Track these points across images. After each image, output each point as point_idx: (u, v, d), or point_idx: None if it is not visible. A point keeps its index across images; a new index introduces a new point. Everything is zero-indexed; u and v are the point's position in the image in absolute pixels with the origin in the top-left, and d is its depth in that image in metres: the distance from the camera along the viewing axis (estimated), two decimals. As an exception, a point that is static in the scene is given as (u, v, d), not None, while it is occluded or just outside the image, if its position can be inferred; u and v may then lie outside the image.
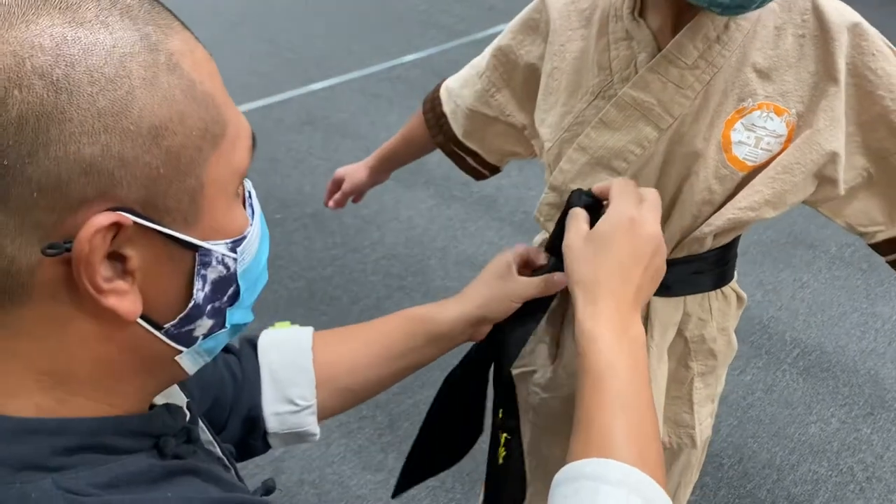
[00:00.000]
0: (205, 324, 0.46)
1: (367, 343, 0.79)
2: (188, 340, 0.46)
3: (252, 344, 0.76)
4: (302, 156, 3.37)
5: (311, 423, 0.75)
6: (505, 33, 0.99)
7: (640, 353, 0.62)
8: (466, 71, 1.08)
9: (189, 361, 0.48)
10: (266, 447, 0.75)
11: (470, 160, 1.13)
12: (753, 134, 0.79)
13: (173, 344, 0.46)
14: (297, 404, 0.73)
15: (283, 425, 0.73)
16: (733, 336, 1.01)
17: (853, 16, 0.78)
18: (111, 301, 0.41)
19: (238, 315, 0.49)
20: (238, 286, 0.47)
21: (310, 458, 1.89)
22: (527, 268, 0.83)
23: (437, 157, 1.32)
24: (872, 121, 0.79)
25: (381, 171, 1.29)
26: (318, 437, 0.77)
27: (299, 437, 0.76)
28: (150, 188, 0.40)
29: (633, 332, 0.63)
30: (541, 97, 0.93)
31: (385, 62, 4.44)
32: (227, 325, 0.48)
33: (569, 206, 0.74)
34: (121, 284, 0.41)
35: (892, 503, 1.83)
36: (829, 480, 1.88)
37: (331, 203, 1.32)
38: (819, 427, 2.04)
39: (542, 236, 1.04)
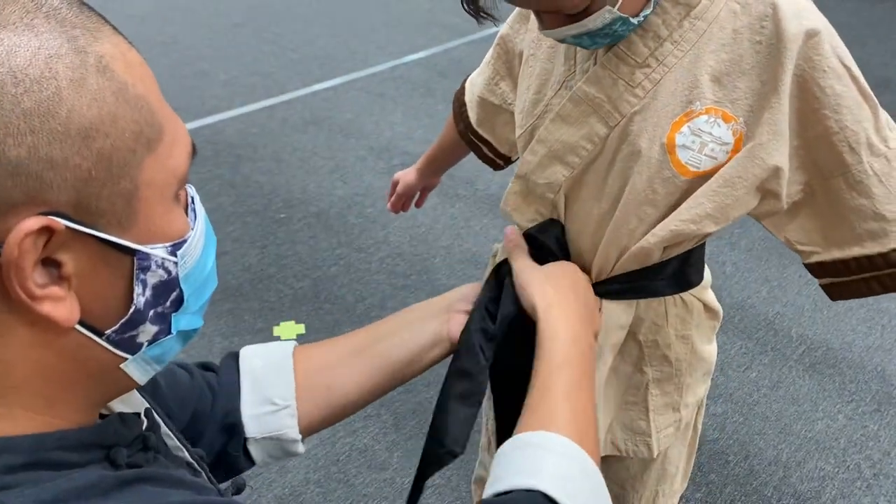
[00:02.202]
0: (148, 329, 0.46)
1: (344, 342, 0.80)
2: (132, 347, 0.46)
3: (234, 356, 0.76)
4: (306, 155, 3.37)
5: (290, 426, 0.73)
6: (507, 21, 1.00)
7: (587, 359, 0.72)
8: (484, 60, 1.10)
9: (136, 370, 0.47)
10: (249, 461, 0.74)
11: (485, 149, 1.15)
12: (699, 139, 0.76)
13: (116, 351, 0.45)
14: (275, 404, 0.73)
15: (262, 428, 0.72)
16: (702, 347, 0.97)
17: (813, 23, 0.73)
18: (46, 307, 0.40)
19: (185, 321, 0.48)
20: (181, 291, 0.47)
21: (315, 458, 1.90)
22: None
23: (441, 155, 1.33)
24: (817, 138, 0.76)
25: (428, 172, 1.35)
26: (301, 447, 0.75)
27: (281, 445, 0.74)
28: (82, 191, 0.39)
29: (583, 344, 0.73)
30: (518, 83, 0.94)
31: (388, 62, 4.44)
32: (173, 331, 0.47)
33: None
34: (56, 290, 0.40)
35: (900, 499, 1.83)
36: (836, 477, 1.88)
37: (389, 206, 1.42)
38: (825, 423, 2.03)
39: (500, 248, 1.03)
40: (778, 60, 0.73)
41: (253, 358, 0.76)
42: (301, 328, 2.33)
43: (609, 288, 0.87)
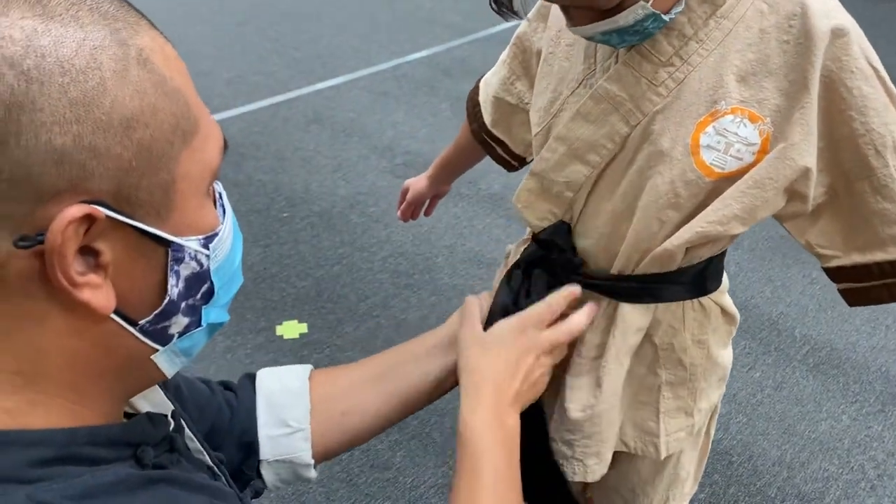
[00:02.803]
0: (180, 321, 0.47)
1: (363, 367, 0.80)
2: (164, 338, 0.46)
3: (251, 377, 0.77)
4: (309, 154, 3.37)
5: (304, 450, 0.73)
6: (524, 20, 0.99)
7: (511, 443, 0.72)
8: (499, 59, 1.08)
9: (165, 361, 0.48)
10: (263, 483, 0.74)
11: (499, 150, 1.14)
12: (724, 139, 0.75)
13: (149, 341, 0.46)
14: (290, 426, 0.73)
15: (275, 449, 0.73)
16: (718, 352, 0.96)
17: (841, 22, 0.72)
18: (85, 294, 0.40)
19: (214, 314, 0.49)
20: (212, 283, 0.47)
21: (318, 457, 1.90)
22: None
23: (444, 155, 1.33)
24: (842, 140, 0.75)
25: (440, 179, 1.34)
26: (313, 472, 0.75)
27: (293, 469, 0.74)
28: (122, 180, 0.40)
29: (509, 423, 0.73)
30: (536, 82, 0.93)
31: (391, 60, 4.44)
32: (203, 323, 0.48)
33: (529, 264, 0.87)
34: (94, 278, 0.41)
35: (904, 500, 1.82)
36: (840, 478, 1.87)
37: (398, 214, 1.39)
38: (829, 424, 2.03)
39: (513, 249, 1.02)
40: (807, 59, 0.72)
41: (269, 380, 0.76)
42: (304, 327, 2.33)
43: (626, 286, 0.86)
